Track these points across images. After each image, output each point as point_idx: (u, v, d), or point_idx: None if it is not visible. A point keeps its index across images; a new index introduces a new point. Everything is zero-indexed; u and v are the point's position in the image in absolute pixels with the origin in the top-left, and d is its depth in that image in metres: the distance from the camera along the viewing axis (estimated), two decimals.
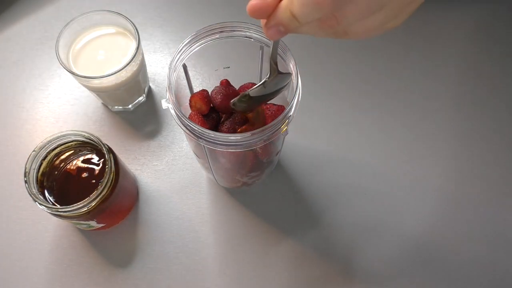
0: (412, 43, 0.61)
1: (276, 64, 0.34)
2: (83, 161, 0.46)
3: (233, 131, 0.43)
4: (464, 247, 0.50)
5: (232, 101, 0.37)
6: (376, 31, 0.28)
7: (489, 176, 0.53)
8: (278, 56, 0.39)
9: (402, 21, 0.28)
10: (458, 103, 0.57)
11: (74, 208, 0.41)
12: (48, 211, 0.41)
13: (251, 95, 0.35)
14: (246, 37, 0.40)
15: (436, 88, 0.58)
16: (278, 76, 0.35)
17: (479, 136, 0.55)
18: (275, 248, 0.50)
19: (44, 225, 0.50)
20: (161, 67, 0.60)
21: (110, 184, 0.43)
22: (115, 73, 0.47)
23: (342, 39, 0.28)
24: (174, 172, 0.53)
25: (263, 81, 0.35)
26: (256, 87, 0.35)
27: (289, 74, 0.36)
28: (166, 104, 0.38)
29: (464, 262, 0.49)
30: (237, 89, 0.45)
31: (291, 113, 0.37)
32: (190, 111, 0.44)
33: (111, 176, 0.43)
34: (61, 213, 0.41)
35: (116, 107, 0.56)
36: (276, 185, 0.53)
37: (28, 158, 0.43)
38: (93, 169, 0.46)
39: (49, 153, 0.45)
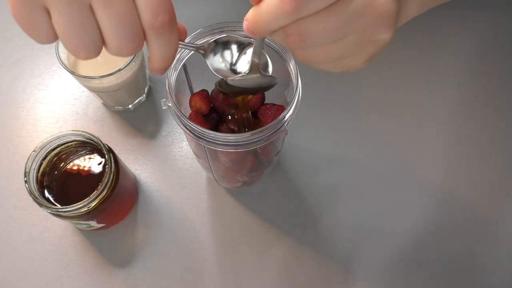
0: (413, 43, 0.61)
1: (257, 64, 0.34)
2: (83, 161, 0.47)
3: (233, 131, 0.43)
4: (464, 247, 0.50)
5: (217, 81, 0.37)
6: (333, 65, 0.29)
7: (489, 176, 0.53)
8: (278, 56, 0.39)
9: (362, 63, 0.29)
10: (458, 103, 0.57)
11: (74, 208, 0.41)
12: (48, 211, 0.41)
13: (228, 82, 0.35)
14: (246, 37, 0.40)
15: (437, 88, 0.58)
16: (261, 75, 0.35)
17: (479, 136, 0.55)
18: (275, 248, 0.50)
19: (44, 225, 0.50)
20: None
21: (110, 184, 0.43)
22: (115, 73, 0.47)
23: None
24: (174, 172, 0.53)
25: (241, 74, 0.35)
26: (235, 77, 0.35)
27: (271, 77, 0.35)
28: (166, 104, 0.38)
29: (464, 262, 0.49)
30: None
31: (291, 113, 0.37)
32: (190, 111, 0.44)
33: (111, 176, 0.43)
34: (61, 213, 0.41)
35: (116, 107, 0.56)
36: (276, 185, 0.53)
37: (28, 158, 0.43)
38: (93, 169, 0.46)
39: (49, 153, 0.45)
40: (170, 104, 0.38)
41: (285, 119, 0.37)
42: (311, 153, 0.54)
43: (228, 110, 0.43)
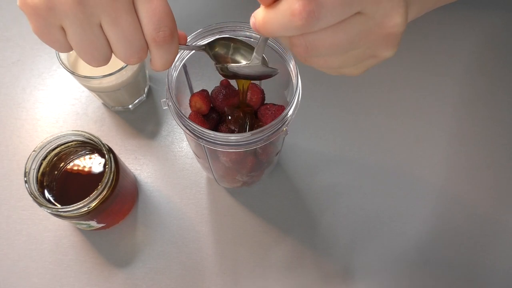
0: (413, 44, 0.61)
1: (260, 56, 0.34)
2: (83, 161, 0.47)
3: (233, 131, 0.43)
4: (464, 247, 0.50)
5: (218, 65, 0.37)
6: (332, 71, 0.29)
7: (489, 176, 0.53)
8: (278, 56, 0.40)
9: (359, 73, 0.29)
10: (458, 103, 0.57)
11: (74, 208, 0.41)
12: (48, 211, 0.41)
13: (228, 68, 0.35)
14: (246, 37, 0.40)
15: (438, 88, 0.58)
16: (263, 67, 0.35)
17: (479, 136, 0.55)
18: (275, 248, 0.50)
19: (44, 225, 0.50)
20: None
21: (110, 184, 0.43)
22: (115, 73, 0.47)
23: None
24: (174, 172, 0.53)
25: (243, 63, 0.35)
26: (236, 65, 0.36)
27: (274, 69, 0.36)
28: (166, 104, 0.38)
29: (464, 262, 0.49)
30: (237, 89, 0.45)
31: (291, 113, 0.37)
32: (190, 111, 0.44)
33: (111, 176, 0.43)
34: (61, 213, 0.41)
35: (116, 107, 0.56)
36: (276, 185, 0.53)
37: (28, 158, 0.43)
38: (93, 169, 0.46)
39: (49, 153, 0.45)
40: (170, 104, 0.38)
41: (285, 119, 0.37)
42: (311, 153, 0.54)
43: (228, 110, 0.43)
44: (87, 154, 0.47)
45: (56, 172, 0.46)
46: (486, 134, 0.55)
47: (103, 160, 0.46)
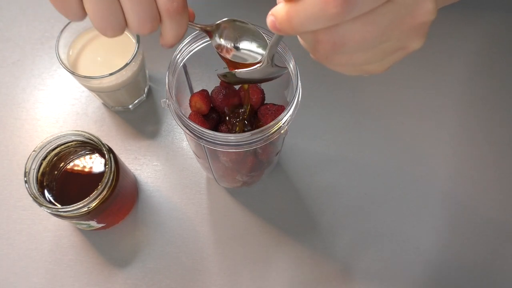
0: None
1: (271, 58, 0.34)
2: (83, 161, 0.47)
3: (233, 131, 0.43)
4: (467, 250, 0.50)
5: (219, 73, 0.37)
6: (354, 69, 0.28)
7: (491, 176, 0.53)
8: (278, 56, 0.39)
9: (383, 70, 0.29)
10: (459, 103, 0.57)
11: (74, 208, 0.41)
12: (48, 211, 0.41)
13: (237, 75, 0.35)
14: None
15: (438, 88, 0.58)
16: (272, 67, 0.34)
17: (480, 136, 0.55)
18: (275, 248, 0.50)
19: (44, 225, 0.50)
20: (161, 67, 0.60)
21: (110, 184, 0.43)
22: (115, 73, 0.47)
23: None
24: (174, 172, 0.53)
25: (253, 67, 0.35)
26: (244, 70, 0.35)
27: (283, 68, 0.35)
28: (166, 104, 0.38)
29: (466, 265, 0.49)
30: (237, 89, 0.45)
31: (291, 113, 0.37)
32: (190, 111, 0.44)
33: (111, 176, 0.43)
34: (61, 213, 0.41)
35: (116, 107, 0.56)
36: (276, 185, 0.53)
37: (28, 158, 0.43)
38: (93, 169, 0.46)
39: (49, 153, 0.45)
40: (170, 104, 0.38)
41: (285, 119, 0.37)
42: (311, 153, 0.54)
43: (228, 110, 0.43)
44: (87, 154, 0.47)
45: (56, 172, 0.46)
46: (486, 134, 0.55)
47: (103, 160, 0.46)
